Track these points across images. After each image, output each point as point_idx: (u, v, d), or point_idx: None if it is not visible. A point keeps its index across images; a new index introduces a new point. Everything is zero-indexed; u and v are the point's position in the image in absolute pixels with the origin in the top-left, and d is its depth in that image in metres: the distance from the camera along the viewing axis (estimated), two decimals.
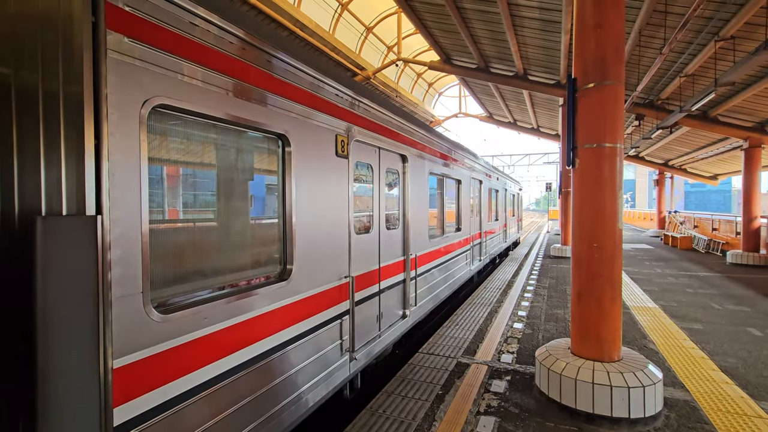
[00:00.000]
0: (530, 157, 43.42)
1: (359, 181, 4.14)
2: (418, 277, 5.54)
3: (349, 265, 3.79)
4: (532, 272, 10.53)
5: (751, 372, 4.29)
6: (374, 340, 4.29)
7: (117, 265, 1.76)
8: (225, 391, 2.32)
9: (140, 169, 1.88)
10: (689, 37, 7.92)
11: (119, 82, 1.78)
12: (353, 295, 3.79)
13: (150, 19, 1.92)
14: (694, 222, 18.07)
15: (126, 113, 1.81)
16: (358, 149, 4.02)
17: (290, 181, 2.97)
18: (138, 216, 1.87)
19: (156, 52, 1.95)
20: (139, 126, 1.87)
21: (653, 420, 3.26)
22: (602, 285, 3.52)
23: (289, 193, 2.97)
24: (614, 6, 3.50)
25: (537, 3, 8.61)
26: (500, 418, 3.38)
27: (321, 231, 3.37)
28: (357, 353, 3.86)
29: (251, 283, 2.71)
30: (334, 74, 3.55)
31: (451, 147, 7.39)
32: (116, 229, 1.77)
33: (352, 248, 3.83)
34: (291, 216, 2.97)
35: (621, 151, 3.54)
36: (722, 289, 8.45)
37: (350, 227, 3.81)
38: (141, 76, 1.88)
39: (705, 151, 16.36)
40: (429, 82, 26.79)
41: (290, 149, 2.96)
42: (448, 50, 13.74)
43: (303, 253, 3.10)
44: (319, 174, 3.33)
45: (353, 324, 3.77)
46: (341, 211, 3.67)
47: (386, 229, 4.72)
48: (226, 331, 2.34)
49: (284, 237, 2.98)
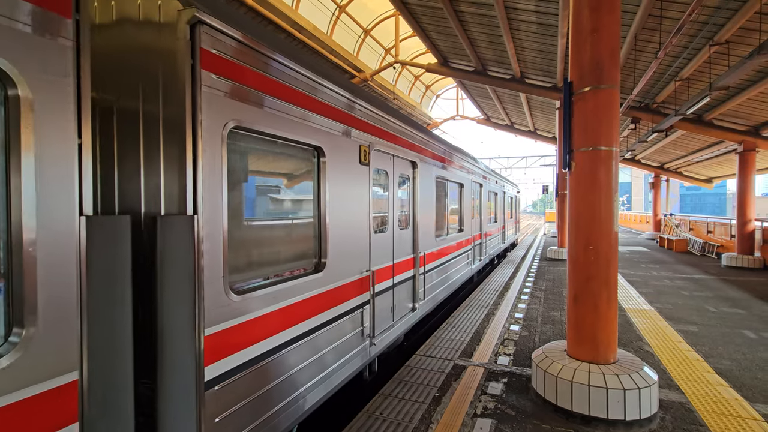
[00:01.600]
0: (527, 160, 43.58)
1: (377, 185, 4.55)
2: (426, 273, 5.97)
3: (369, 260, 4.24)
4: (529, 274, 10.56)
5: (746, 374, 4.32)
6: (389, 329, 4.72)
7: (207, 255, 2.21)
8: (279, 360, 2.81)
9: (222, 178, 2.34)
10: (684, 41, 8.00)
11: (209, 109, 2.24)
12: (373, 287, 4.25)
13: (230, 59, 2.41)
14: (690, 225, 18.17)
15: (213, 134, 2.27)
16: (376, 157, 4.48)
17: (324, 186, 3.43)
18: (221, 216, 2.33)
19: (233, 84, 2.43)
20: (221, 143, 2.33)
21: (649, 422, 3.28)
22: (598, 287, 3.54)
23: (323, 197, 3.44)
24: (610, 11, 3.54)
25: (534, 7, 8.67)
26: (497, 420, 3.39)
27: (347, 230, 3.82)
28: (376, 339, 4.32)
29: (294, 273, 3.18)
30: (361, 94, 4.06)
31: (454, 152, 7.82)
32: (206, 226, 2.22)
33: (372, 246, 4.28)
34: (325, 217, 3.44)
35: (617, 155, 3.56)
36: (717, 291, 8.50)
37: (370, 227, 4.25)
38: (223, 104, 2.35)
39: (700, 154, 16.48)
40: (426, 85, 26.86)
41: (324, 159, 3.43)
42: (446, 53, 13.80)
43: (334, 248, 3.56)
44: (346, 180, 3.79)
45: (373, 313, 4.25)
46: (363, 213, 4.12)
47: (399, 229, 5.15)
48: (276, 312, 2.80)
49: (319, 235, 3.45)
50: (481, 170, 10.68)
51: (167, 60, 2.16)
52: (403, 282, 5.17)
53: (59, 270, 1.65)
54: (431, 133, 6.57)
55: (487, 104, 20.58)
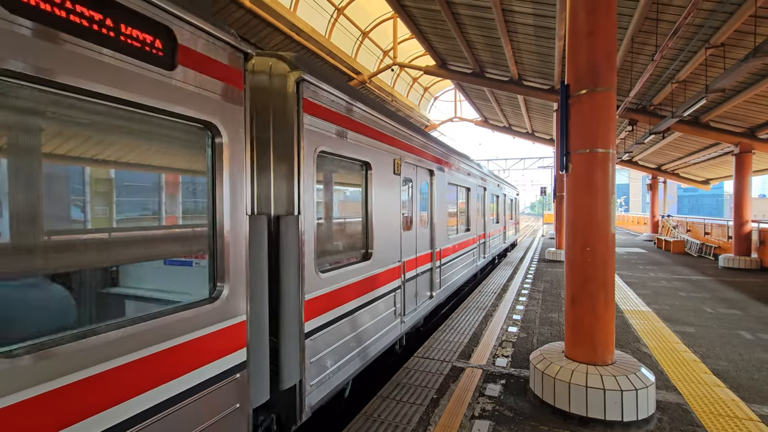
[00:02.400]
0: (525, 161, 43.66)
1: (404, 191, 5.39)
2: (441, 266, 6.92)
3: (400, 252, 5.11)
4: (527, 276, 10.58)
5: (743, 375, 4.34)
6: (413, 311, 5.59)
7: (306, 243, 3.14)
8: (344, 325, 3.73)
9: (313, 188, 3.25)
10: (680, 44, 8.05)
11: (306, 138, 3.17)
12: (404, 275, 5.20)
13: (313, 98, 3.29)
14: (687, 226, 18.24)
15: (309, 155, 3.22)
16: (405, 168, 5.34)
17: (370, 193, 4.32)
18: (313, 216, 3.25)
19: (320, 121, 3.40)
20: (313, 163, 3.27)
21: (646, 423, 3.29)
22: (596, 289, 3.55)
23: (370, 201, 4.32)
24: (606, 14, 3.56)
25: (531, 10, 8.71)
26: (495, 421, 3.39)
27: (386, 228, 4.68)
28: (405, 318, 5.24)
29: (350, 260, 4.09)
30: (396, 116, 5.05)
31: (462, 160, 8.75)
32: (304, 223, 3.12)
33: (401, 241, 5.15)
34: (371, 217, 4.33)
35: (613, 157, 3.58)
36: (714, 292, 8.54)
37: (401, 225, 5.12)
38: (315, 135, 3.30)
39: (697, 156, 16.56)
40: (424, 87, 26.92)
41: (371, 171, 4.33)
42: (444, 55, 13.84)
43: (377, 242, 4.43)
44: (385, 187, 4.66)
45: (404, 296, 5.18)
46: (396, 214, 4.99)
47: (420, 228, 6.00)
48: (342, 289, 3.71)
49: (367, 231, 4.33)
50: (485, 175, 11.64)
51: (284, 105, 3.09)
52: (423, 273, 6.06)
53: (238, 249, 2.48)
54: (445, 144, 7.59)
55: (485, 106, 20.63)
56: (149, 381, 1.91)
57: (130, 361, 1.83)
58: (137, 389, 1.86)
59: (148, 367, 1.91)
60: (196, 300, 2.28)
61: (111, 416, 1.73)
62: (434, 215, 6.50)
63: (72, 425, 1.59)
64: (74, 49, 1.65)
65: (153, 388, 1.93)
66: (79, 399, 1.62)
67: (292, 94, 3.10)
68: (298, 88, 3.12)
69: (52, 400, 1.53)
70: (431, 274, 6.36)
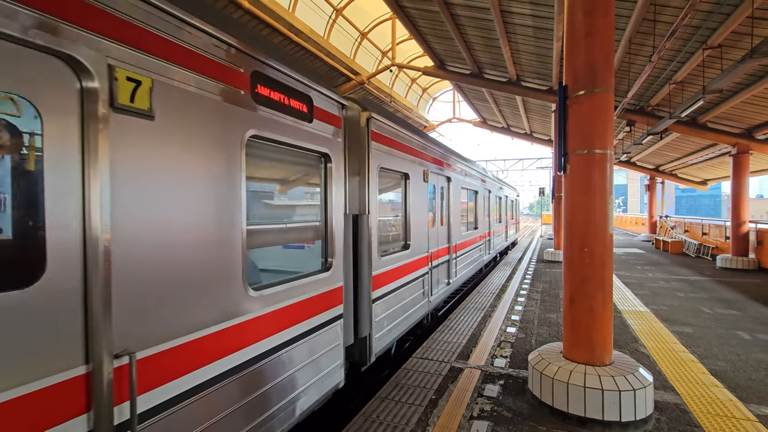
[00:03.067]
0: (523, 162, 43.74)
1: (430, 195, 6.59)
2: (456, 258, 8.21)
3: (428, 244, 6.41)
4: (526, 276, 10.59)
5: (740, 375, 4.35)
6: (436, 294, 6.88)
7: (372, 236, 4.32)
8: (392, 297, 4.95)
9: (375, 194, 4.43)
10: (678, 45, 8.07)
11: (372, 158, 4.34)
12: (432, 263, 6.58)
13: (377, 129, 4.50)
14: (685, 226, 18.28)
15: (373, 171, 4.37)
16: (431, 176, 6.60)
17: (408, 197, 5.61)
18: (376, 215, 4.43)
19: (380, 145, 4.60)
20: (376, 176, 4.43)
21: (644, 423, 3.30)
22: (594, 289, 3.56)
23: (408, 203, 5.61)
24: (604, 15, 3.57)
25: (530, 11, 8.73)
26: (493, 422, 3.39)
27: (418, 225, 5.93)
28: (431, 298, 6.56)
29: (395, 249, 5.29)
30: (426, 136, 6.50)
31: (471, 166, 10.13)
32: (371, 220, 4.28)
33: (429, 235, 6.45)
34: (409, 215, 5.62)
35: (611, 157, 3.59)
36: (712, 293, 8.56)
37: (428, 223, 6.34)
38: (377, 156, 4.50)
39: (695, 156, 16.59)
40: (423, 87, 26.95)
41: (409, 181, 5.62)
42: (442, 56, 13.86)
43: (413, 236, 5.71)
44: (417, 192, 5.91)
45: (431, 280, 6.53)
46: (425, 214, 6.22)
47: (440, 225, 7.23)
48: (392, 270, 4.94)
49: (406, 227, 5.61)
50: (490, 178, 12.98)
51: (358, 136, 4.26)
52: (443, 263, 7.36)
53: (339, 236, 3.71)
54: (459, 153, 8.91)
55: (484, 107, 20.66)
56: (304, 315, 3.21)
57: (296, 301, 3.12)
58: (300, 319, 3.16)
59: (301, 307, 3.18)
60: (318, 269, 3.51)
61: (291, 332, 3.05)
62: (451, 215, 7.78)
63: (278, 333, 2.90)
64: (274, 117, 2.89)
65: (306, 320, 3.23)
66: (278, 319, 2.91)
67: (363, 128, 4.29)
68: (367, 123, 4.30)
69: (271, 317, 2.83)
70: (449, 264, 7.69)
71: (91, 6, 1.74)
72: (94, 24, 1.75)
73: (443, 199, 7.48)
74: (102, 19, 1.78)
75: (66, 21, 1.64)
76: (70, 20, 1.66)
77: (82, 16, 1.71)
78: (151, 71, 1.97)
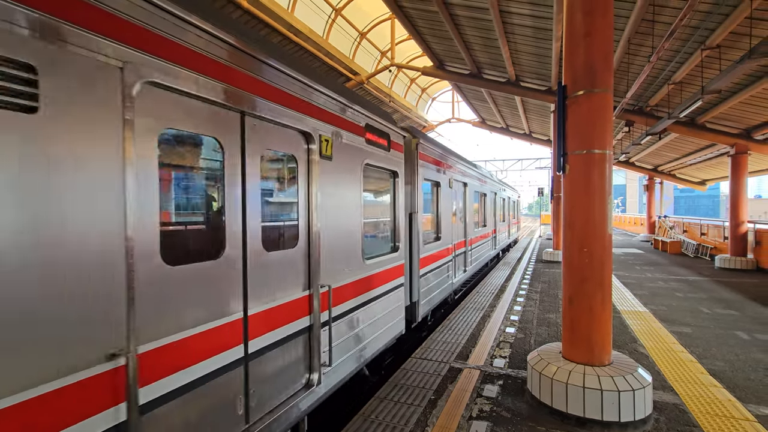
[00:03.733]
0: (522, 162, 43.78)
1: (451, 197, 8.18)
2: (471, 250, 10.08)
3: (452, 238, 8.12)
4: (525, 277, 10.60)
5: (739, 375, 4.36)
6: (458, 277, 8.74)
7: (420, 229, 6.09)
8: (435, 272, 6.93)
9: (421, 197, 6.13)
10: (677, 45, 8.08)
11: (419, 172, 6.13)
12: (455, 252, 8.39)
13: (422, 150, 6.26)
14: (684, 227, 18.31)
15: (420, 181, 6.15)
16: (454, 183, 8.27)
17: (438, 198, 7.32)
18: (421, 214, 6.13)
19: (424, 162, 6.35)
20: (421, 184, 6.17)
21: (643, 423, 3.30)
22: (593, 289, 3.56)
23: (440, 203, 7.35)
24: (603, 15, 3.57)
25: (529, 11, 8.73)
26: (492, 422, 3.39)
27: (445, 221, 7.62)
28: (455, 280, 8.41)
29: (431, 240, 6.89)
30: (450, 151, 8.32)
31: (482, 173, 12.15)
32: (419, 217, 6.05)
33: (452, 230, 8.16)
34: (439, 212, 7.34)
35: (610, 158, 3.59)
36: (711, 293, 8.57)
37: (450, 220, 8.04)
38: (423, 170, 6.32)
39: (693, 157, 16.62)
40: (422, 88, 26.94)
41: (439, 188, 7.32)
42: (441, 56, 13.86)
43: (443, 230, 7.43)
44: (445, 195, 7.59)
45: (455, 265, 8.39)
46: (450, 212, 7.97)
47: (459, 222, 8.92)
48: (429, 255, 6.58)
49: (437, 223, 7.32)
50: (495, 182, 15.00)
51: (411, 157, 5.95)
52: (461, 254, 9.08)
53: (404, 228, 5.47)
54: (473, 163, 11.18)
55: (483, 107, 20.66)
56: (386, 279, 4.76)
57: (380, 270, 4.59)
58: (385, 281, 4.73)
59: (385, 274, 4.72)
60: (390, 251, 5.03)
61: (381, 289, 4.61)
62: (466, 214, 9.54)
63: (376, 288, 4.48)
64: (374, 150, 4.47)
65: (388, 282, 4.80)
66: (376, 280, 4.47)
67: (414, 151, 6.01)
68: (416, 147, 6.04)
69: (368, 279, 4.29)
70: (465, 255, 9.45)
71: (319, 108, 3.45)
72: (318, 114, 3.42)
73: (462, 201, 9.28)
74: (321, 112, 3.47)
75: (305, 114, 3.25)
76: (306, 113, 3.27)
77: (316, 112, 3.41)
78: (331, 134, 3.58)
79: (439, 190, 7.29)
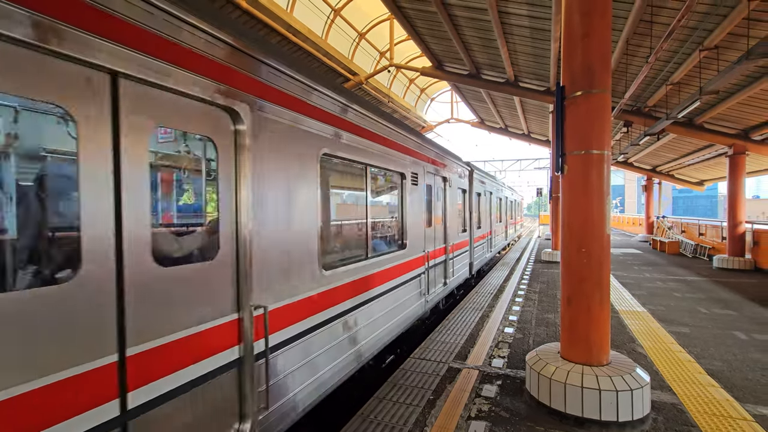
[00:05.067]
0: (521, 163, 43.84)
1: (461, 200, 9.63)
2: (475, 247, 11.10)
3: (470, 232, 10.31)
4: (523, 277, 10.61)
5: (737, 375, 4.37)
6: (469, 266, 10.27)
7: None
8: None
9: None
10: (675, 46, 8.11)
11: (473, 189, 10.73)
12: (472, 244, 10.37)
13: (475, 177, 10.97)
14: (682, 227, 18.35)
15: (474, 195, 10.77)
16: (481, 192, 11.32)
17: (471, 201, 10.56)
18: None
19: (476, 182, 10.94)
20: (477, 196, 11.20)
21: (641, 423, 3.30)
22: (591, 289, 3.57)
23: (471, 206, 10.36)
24: (601, 16, 3.58)
25: (527, 12, 8.75)
26: (491, 422, 3.39)
27: (458, 221, 9.06)
28: (473, 269, 10.46)
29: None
30: (482, 171, 11.99)
31: (490, 178, 14.19)
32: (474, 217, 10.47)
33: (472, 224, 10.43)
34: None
35: (608, 158, 3.60)
36: (709, 293, 8.59)
37: (472, 217, 10.45)
38: (475, 185, 10.75)
39: (691, 157, 16.66)
40: (421, 88, 26.95)
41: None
42: (440, 57, 13.87)
43: (475, 223, 10.98)
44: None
45: (471, 253, 10.37)
46: (459, 213, 9.12)
47: (481, 220, 11.61)
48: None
49: (463, 218, 9.86)
50: (499, 185, 16.94)
51: (471, 178, 10.40)
52: (481, 244, 11.57)
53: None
54: (485, 171, 13.42)
55: (482, 107, 20.69)
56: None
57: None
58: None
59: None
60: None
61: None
62: (473, 215, 10.71)
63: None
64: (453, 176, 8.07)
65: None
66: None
67: (470, 175, 10.09)
68: (470, 174, 10.15)
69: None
70: (470, 249, 10.54)
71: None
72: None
73: (487, 204, 12.02)
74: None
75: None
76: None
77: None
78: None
79: (470, 197, 10.38)
